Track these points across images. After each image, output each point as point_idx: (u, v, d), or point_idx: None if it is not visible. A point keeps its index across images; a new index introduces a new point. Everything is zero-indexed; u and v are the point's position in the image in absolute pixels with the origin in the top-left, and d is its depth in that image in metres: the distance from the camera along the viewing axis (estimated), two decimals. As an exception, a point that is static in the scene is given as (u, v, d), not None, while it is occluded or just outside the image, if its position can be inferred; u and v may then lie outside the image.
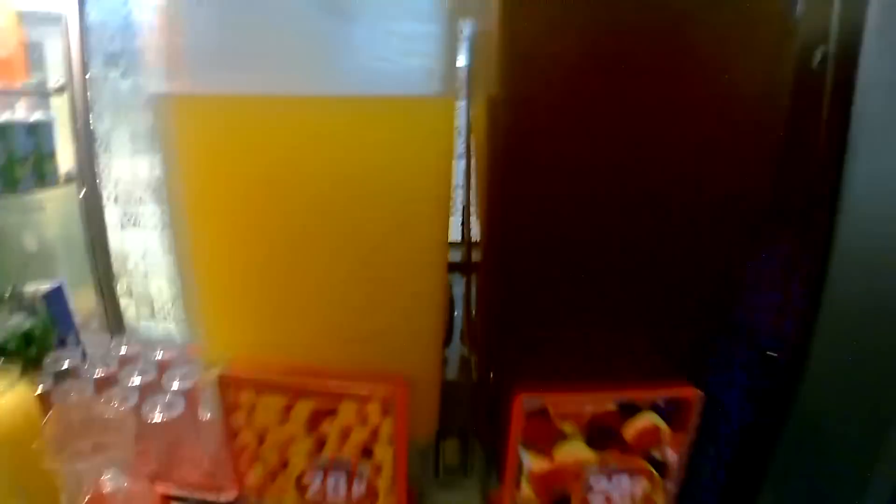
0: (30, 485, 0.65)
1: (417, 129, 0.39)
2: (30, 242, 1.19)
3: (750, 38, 0.32)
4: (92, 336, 1.17)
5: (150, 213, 1.49)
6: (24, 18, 1.13)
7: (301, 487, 0.39)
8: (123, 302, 1.41)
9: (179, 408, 0.81)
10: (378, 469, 0.35)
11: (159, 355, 0.93)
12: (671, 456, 0.35)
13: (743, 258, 0.37)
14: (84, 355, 0.97)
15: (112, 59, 1.38)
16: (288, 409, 0.38)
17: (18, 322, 0.98)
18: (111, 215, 1.40)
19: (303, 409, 0.38)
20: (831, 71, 0.33)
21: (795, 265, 0.41)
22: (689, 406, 0.33)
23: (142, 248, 1.53)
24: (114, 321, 1.29)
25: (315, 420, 0.39)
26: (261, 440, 0.38)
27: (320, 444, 0.39)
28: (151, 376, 0.86)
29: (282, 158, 0.40)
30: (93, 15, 1.22)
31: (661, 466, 0.35)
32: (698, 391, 0.34)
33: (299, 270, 0.43)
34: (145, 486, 0.73)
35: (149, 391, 0.83)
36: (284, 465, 0.41)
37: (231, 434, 0.42)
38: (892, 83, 0.31)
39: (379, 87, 0.38)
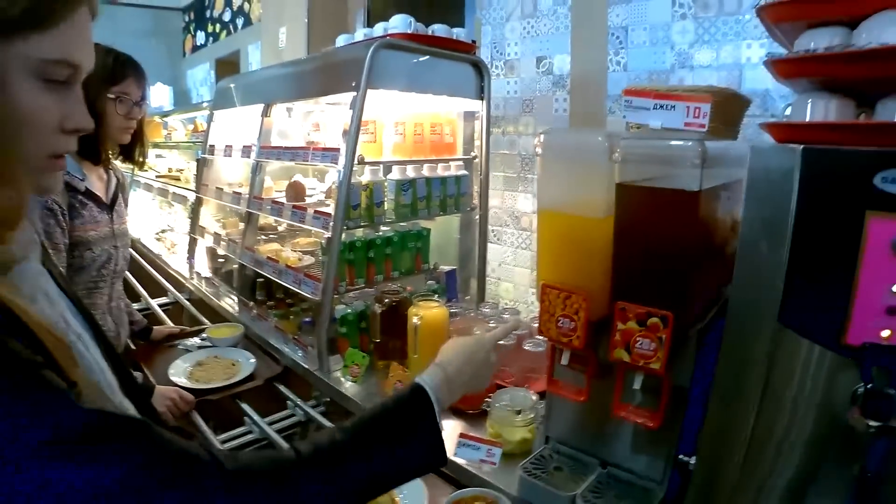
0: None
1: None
2: (442, 242, 2.35)
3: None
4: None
5: (509, 234, 2.54)
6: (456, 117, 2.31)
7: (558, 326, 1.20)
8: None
9: (512, 341, 1.73)
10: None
11: (506, 315, 1.91)
12: (665, 336, 1.03)
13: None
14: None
15: (494, 122, 2.49)
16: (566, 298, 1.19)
17: (431, 284, 2.11)
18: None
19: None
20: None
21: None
22: (669, 319, 1.01)
23: (499, 258, 2.60)
24: (479, 294, 2.39)
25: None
26: (553, 313, 1.20)
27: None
28: (501, 324, 1.82)
29: (568, 230, 1.21)
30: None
31: (661, 340, 1.04)
32: (671, 313, 1.01)
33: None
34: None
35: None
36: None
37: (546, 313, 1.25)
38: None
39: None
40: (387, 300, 1.84)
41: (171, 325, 2.46)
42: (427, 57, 1.94)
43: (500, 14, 2.49)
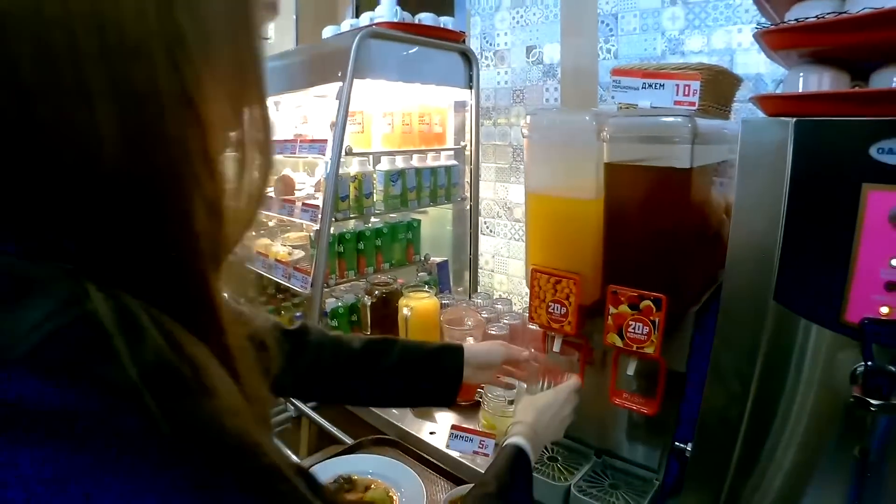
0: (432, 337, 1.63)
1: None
2: (435, 233, 2.32)
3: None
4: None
5: (502, 226, 2.51)
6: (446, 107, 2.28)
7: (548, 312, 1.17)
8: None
9: (505, 330, 1.70)
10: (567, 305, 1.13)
11: (499, 305, 1.87)
12: (658, 319, 1.00)
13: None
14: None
15: (485, 113, 2.46)
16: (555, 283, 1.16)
17: (423, 276, 2.07)
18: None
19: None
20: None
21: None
22: (663, 301, 0.98)
23: (492, 250, 2.57)
24: (472, 285, 2.36)
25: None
26: (543, 299, 1.17)
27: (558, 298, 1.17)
28: (494, 314, 1.79)
29: (557, 213, 1.19)
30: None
31: (654, 323, 1.01)
32: (664, 296, 0.98)
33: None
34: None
35: (491, 320, 1.76)
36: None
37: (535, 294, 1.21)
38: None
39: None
40: (377, 292, 1.81)
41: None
42: (414, 46, 1.90)
43: (490, 4, 2.45)
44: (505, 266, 2.52)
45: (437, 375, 1.10)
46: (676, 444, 1.12)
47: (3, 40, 0.35)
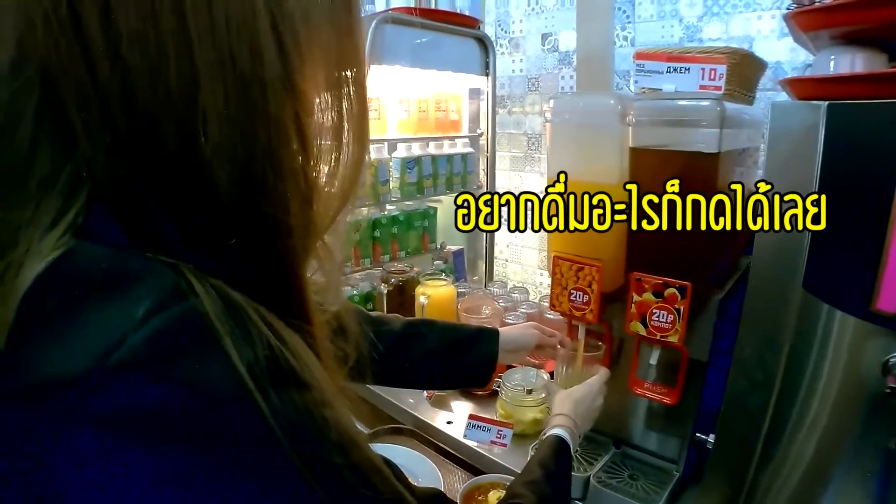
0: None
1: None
2: (450, 222, 2.30)
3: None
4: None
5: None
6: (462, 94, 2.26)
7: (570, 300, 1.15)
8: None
9: (522, 319, 1.68)
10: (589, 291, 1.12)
11: (515, 294, 1.86)
12: (683, 307, 0.99)
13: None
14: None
15: (500, 101, 2.43)
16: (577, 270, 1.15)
17: (439, 264, 2.06)
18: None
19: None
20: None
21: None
22: (687, 289, 0.97)
23: (506, 240, 2.55)
24: (487, 274, 2.34)
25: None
26: (565, 286, 1.15)
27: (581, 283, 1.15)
28: (511, 303, 1.78)
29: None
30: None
31: (678, 311, 0.99)
32: (689, 283, 0.96)
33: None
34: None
35: (508, 309, 1.74)
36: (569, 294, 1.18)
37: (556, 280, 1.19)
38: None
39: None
40: (393, 280, 1.80)
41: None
42: (430, 32, 1.88)
43: (505, -10, 2.42)
44: (519, 256, 2.50)
45: (474, 360, 1.11)
46: (697, 435, 1.10)
47: (110, 19, 0.34)
